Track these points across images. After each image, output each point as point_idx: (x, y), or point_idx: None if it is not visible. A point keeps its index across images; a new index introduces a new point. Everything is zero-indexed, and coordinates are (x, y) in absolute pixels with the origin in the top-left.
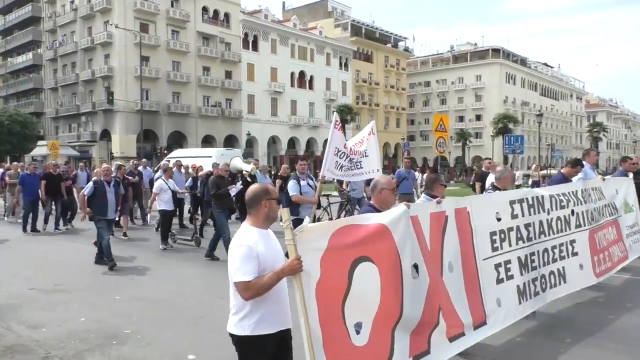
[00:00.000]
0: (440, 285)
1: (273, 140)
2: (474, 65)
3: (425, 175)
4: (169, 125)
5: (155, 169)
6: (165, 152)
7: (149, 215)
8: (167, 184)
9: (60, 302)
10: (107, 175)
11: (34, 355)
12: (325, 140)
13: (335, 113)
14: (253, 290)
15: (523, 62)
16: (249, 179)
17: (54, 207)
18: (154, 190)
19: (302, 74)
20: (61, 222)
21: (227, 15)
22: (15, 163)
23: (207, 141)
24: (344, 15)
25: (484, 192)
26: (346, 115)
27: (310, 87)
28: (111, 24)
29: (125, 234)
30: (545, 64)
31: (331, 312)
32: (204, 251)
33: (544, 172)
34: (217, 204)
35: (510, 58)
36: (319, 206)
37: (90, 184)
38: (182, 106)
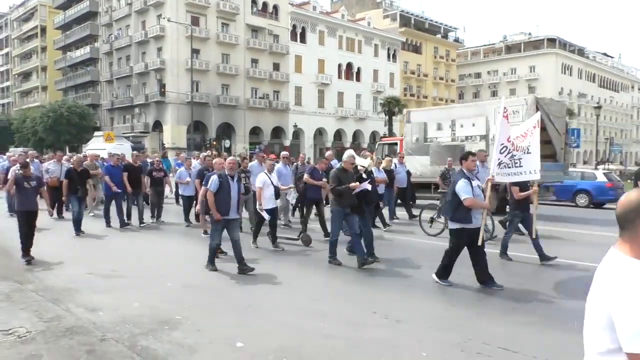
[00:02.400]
0: None
1: (319, 132)
2: (527, 56)
3: None
4: (218, 116)
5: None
6: (214, 142)
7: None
8: (270, 178)
9: (116, 287)
10: (233, 168)
11: (91, 336)
12: (372, 133)
13: (502, 97)
14: None
15: (581, 52)
16: (364, 176)
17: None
18: (257, 184)
19: (349, 65)
20: (146, 216)
21: (275, 7)
22: (90, 153)
23: (255, 132)
24: (393, 6)
25: None
26: (394, 107)
27: (358, 79)
28: (164, 18)
29: (206, 232)
30: (605, 54)
31: None
32: (247, 240)
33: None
34: (336, 200)
35: (567, 48)
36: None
37: (215, 178)
38: (231, 98)
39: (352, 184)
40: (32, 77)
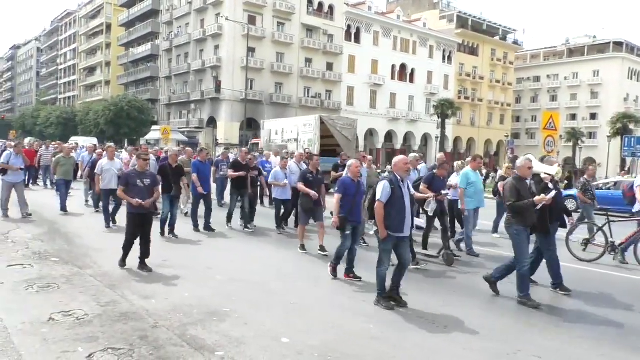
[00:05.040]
0: None
1: (370, 133)
2: (591, 60)
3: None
4: (270, 114)
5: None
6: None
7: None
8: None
9: (167, 277)
10: (407, 170)
11: (144, 323)
12: (424, 135)
13: None
14: None
15: None
16: (550, 186)
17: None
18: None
19: (403, 66)
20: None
21: (331, 7)
22: (188, 148)
23: None
24: (450, 7)
25: None
26: (447, 110)
27: (411, 80)
28: (222, 17)
29: (322, 247)
30: None
31: None
32: (291, 235)
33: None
34: (515, 218)
35: (635, 52)
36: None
37: (386, 185)
38: (284, 96)
39: (538, 198)
40: (96, 72)
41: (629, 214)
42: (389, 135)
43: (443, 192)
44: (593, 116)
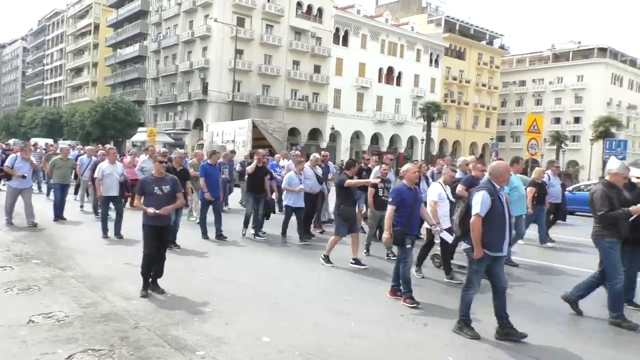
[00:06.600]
0: None
1: (356, 135)
2: (576, 65)
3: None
4: (257, 116)
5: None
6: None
7: None
8: (445, 191)
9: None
10: (505, 179)
11: (125, 324)
12: (410, 138)
13: None
14: None
15: (633, 62)
16: None
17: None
18: (431, 197)
19: (390, 69)
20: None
21: (320, 10)
22: (199, 151)
23: (292, 134)
24: (438, 11)
25: None
26: (433, 113)
27: (398, 83)
28: (210, 18)
29: (358, 261)
30: None
31: None
32: (287, 239)
33: None
34: (608, 229)
35: (619, 58)
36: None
37: (486, 196)
38: (271, 99)
39: (635, 208)
40: (83, 72)
41: None
42: (375, 138)
43: None
44: (577, 120)
